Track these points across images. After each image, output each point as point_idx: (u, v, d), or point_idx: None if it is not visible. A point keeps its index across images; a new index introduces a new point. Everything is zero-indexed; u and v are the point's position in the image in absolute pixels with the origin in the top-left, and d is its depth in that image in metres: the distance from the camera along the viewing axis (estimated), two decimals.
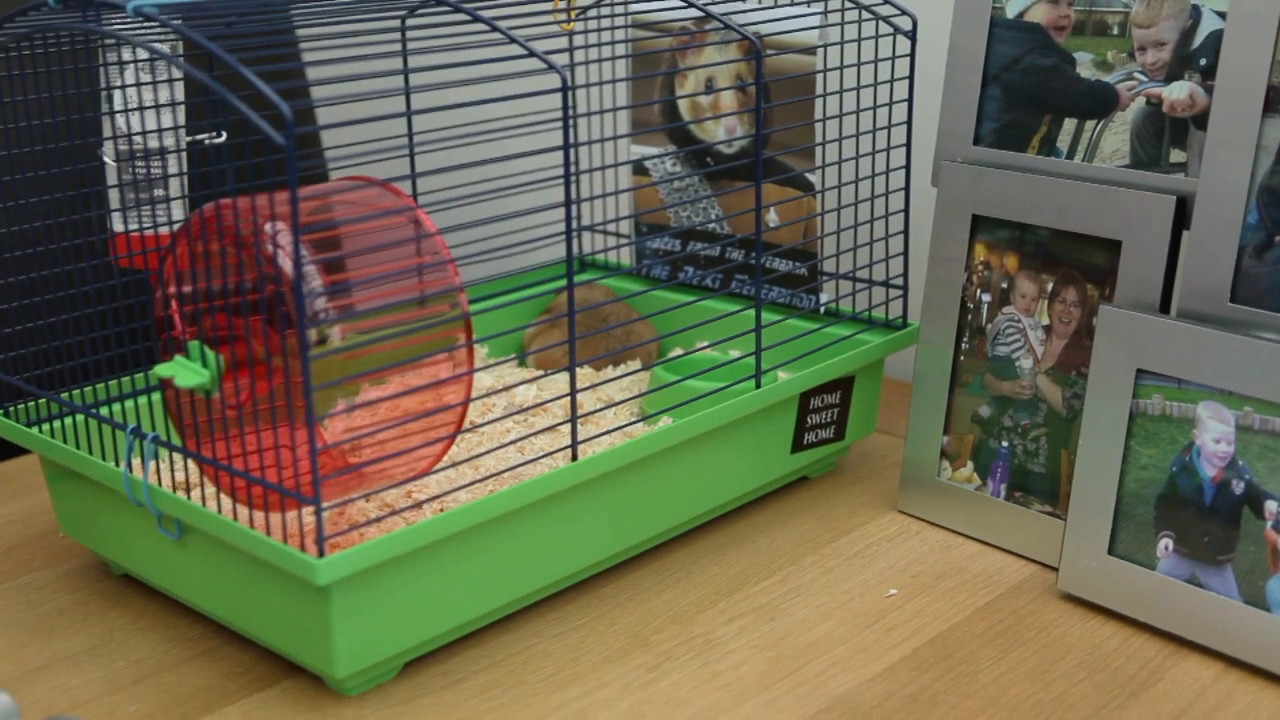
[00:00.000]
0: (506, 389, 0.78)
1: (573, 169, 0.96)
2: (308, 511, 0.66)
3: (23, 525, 0.86)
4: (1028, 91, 0.80)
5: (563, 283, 1.03)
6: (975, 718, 0.64)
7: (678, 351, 0.98)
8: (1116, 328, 0.72)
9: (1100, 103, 0.77)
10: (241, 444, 0.63)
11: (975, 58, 0.82)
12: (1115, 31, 0.77)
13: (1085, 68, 0.78)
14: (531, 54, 0.67)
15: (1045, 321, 0.79)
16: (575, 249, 1.10)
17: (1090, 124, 0.78)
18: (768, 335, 0.85)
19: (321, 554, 0.61)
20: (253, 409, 0.63)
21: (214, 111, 0.82)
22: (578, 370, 0.94)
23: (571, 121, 0.77)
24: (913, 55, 0.87)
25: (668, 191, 1.00)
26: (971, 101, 0.82)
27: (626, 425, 0.80)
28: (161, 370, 0.64)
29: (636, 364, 0.97)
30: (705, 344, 0.90)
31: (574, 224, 0.68)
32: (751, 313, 0.89)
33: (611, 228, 1.06)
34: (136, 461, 0.71)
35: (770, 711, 0.65)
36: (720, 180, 0.97)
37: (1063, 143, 0.79)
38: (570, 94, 0.67)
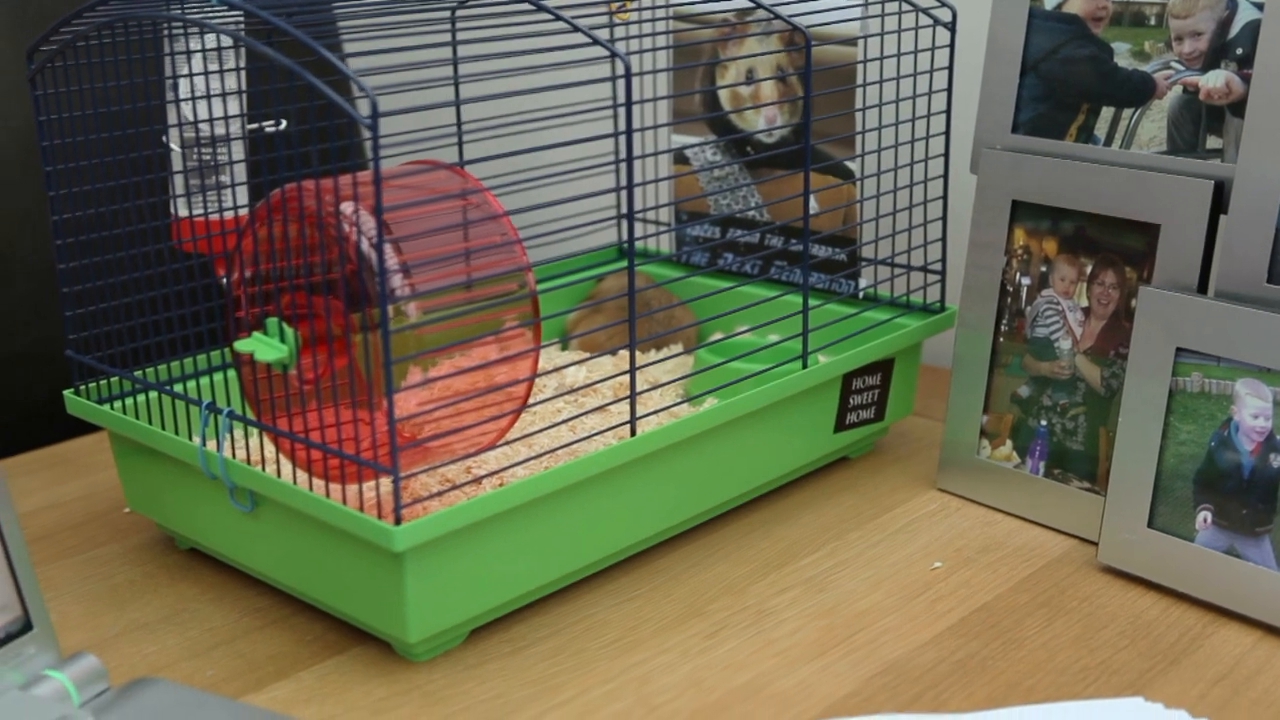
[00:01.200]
0: (556, 370, 0.80)
1: (622, 155, 0.99)
2: (376, 483, 0.68)
3: (86, 503, 0.89)
4: (1065, 81, 0.83)
5: (605, 269, 1.05)
6: (1024, 681, 0.67)
7: (717, 336, 1.00)
8: (1156, 308, 0.75)
9: (1137, 91, 0.80)
10: (319, 418, 0.66)
11: (1014, 48, 0.85)
12: (1152, 22, 0.79)
13: (1123, 58, 0.81)
14: (595, 41, 0.69)
15: (1084, 304, 0.81)
16: (615, 236, 1.12)
17: (1128, 112, 0.80)
18: (811, 319, 0.87)
19: (398, 521, 0.63)
20: (331, 384, 0.65)
21: (276, 100, 0.84)
22: (624, 353, 0.97)
23: (617, 109, 0.80)
24: (952, 46, 0.89)
25: (708, 180, 1.03)
26: (1010, 91, 0.85)
27: (672, 405, 0.83)
28: (241, 346, 0.67)
29: (678, 348, 0.99)
30: (744, 328, 0.93)
31: (629, 208, 0.70)
32: (789, 298, 0.92)
33: (651, 215, 1.09)
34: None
35: (826, 676, 0.68)
36: (760, 168, 1.00)
37: (1100, 130, 0.82)
38: (630, 80, 0.69)
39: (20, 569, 0.64)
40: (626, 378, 0.90)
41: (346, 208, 0.65)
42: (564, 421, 0.76)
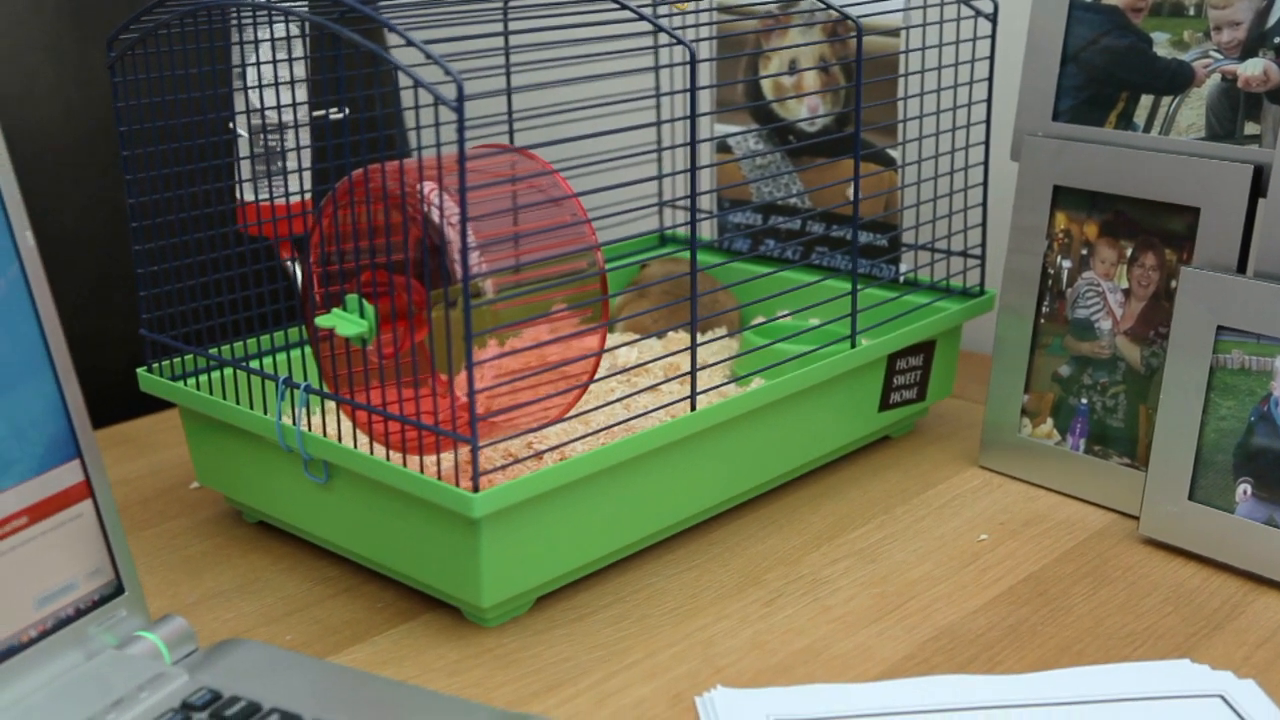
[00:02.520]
0: (608, 350, 0.83)
1: (665, 143, 1.02)
2: (454, 453, 0.71)
3: (153, 480, 0.91)
4: (1105, 70, 0.85)
5: (651, 254, 1.08)
6: (1074, 645, 0.70)
7: (759, 320, 1.03)
8: (1197, 288, 0.77)
9: (1176, 79, 0.82)
10: (398, 392, 0.68)
11: (1054, 39, 0.87)
12: (1191, 12, 0.82)
13: (1162, 47, 0.83)
14: (660, 30, 0.72)
15: (1124, 285, 0.84)
16: (658, 223, 1.15)
17: (1166, 100, 0.83)
18: (847, 304, 0.89)
19: (476, 489, 0.66)
20: (410, 358, 0.68)
21: (341, 88, 0.87)
22: (671, 335, 0.99)
23: (671, 96, 0.82)
24: (993, 37, 0.92)
25: (750, 168, 1.05)
26: (1051, 80, 0.87)
27: (721, 385, 0.85)
28: (322, 321, 0.69)
29: (722, 330, 1.02)
30: (785, 312, 0.96)
31: (691, 191, 0.73)
32: (829, 283, 0.95)
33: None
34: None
35: (882, 640, 0.70)
36: (801, 156, 1.02)
37: (1139, 118, 0.84)
38: (695, 67, 0.72)
39: (113, 535, 0.66)
40: (675, 358, 0.93)
41: (424, 188, 0.68)
42: (619, 400, 0.78)
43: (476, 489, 0.66)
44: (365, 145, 0.82)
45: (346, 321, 0.69)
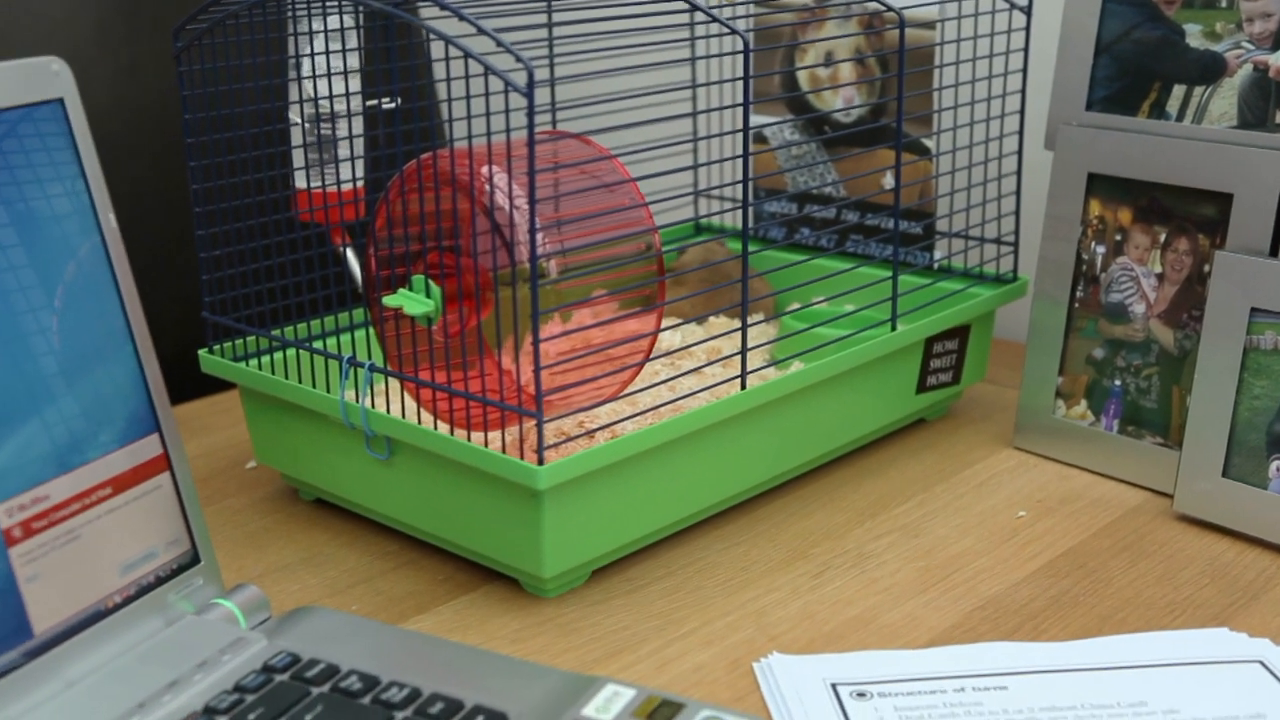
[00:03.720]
0: (651, 334, 0.85)
1: (698, 131, 1.04)
2: (519, 427, 0.73)
3: (208, 460, 0.94)
4: (1138, 61, 0.88)
5: (688, 242, 1.10)
6: (1115, 615, 0.72)
7: (795, 306, 1.05)
8: (1232, 271, 0.80)
9: (1209, 70, 0.85)
10: (464, 369, 0.71)
11: (1088, 31, 0.90)
12: (1223, 4, 0.84)
13: (1194, 38, 0.86)
14: (714, 19, 0.74)
15: (1158, 270, 0.86)
16: (693, 212, 1.17)
17: (1199, 90, 0.85)
18: (884, 289, 0.92)
19: (541, 462, 0.68)
20: (476, 336, 0.70)
21: (389, 79, 0.89)
22: (711, 320, 1.02)
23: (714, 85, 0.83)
24: (1028, 29, 0.94)
25: (785, 158, 1.08)
26: (1084, 71, 0.90)
27: (762, 368, 0.88)
28: (389, 300, 0.72)
29: (759, 316, 1.04)
30: (820, 299, 0.98)
31: (744, 176, 0.75)
32: (862, 269, 0.97)
33: (728, 192, 1.14)
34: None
35: (930, 610, 0.73)
36: (837, 146, 1.05)
37: (1172, 107, 0.86)
38: (749, 56, 0.74)
39: (189, 506, 0.69)
40: (717, 342, 0.95)
41: (485, 171, 0.70)
42: (664, 381, 0.81)
43: (541, 462, 0.68)
44: (417, 134, 0.84)
45: (413, 301, 0.71)
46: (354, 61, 0.88)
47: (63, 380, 0.63)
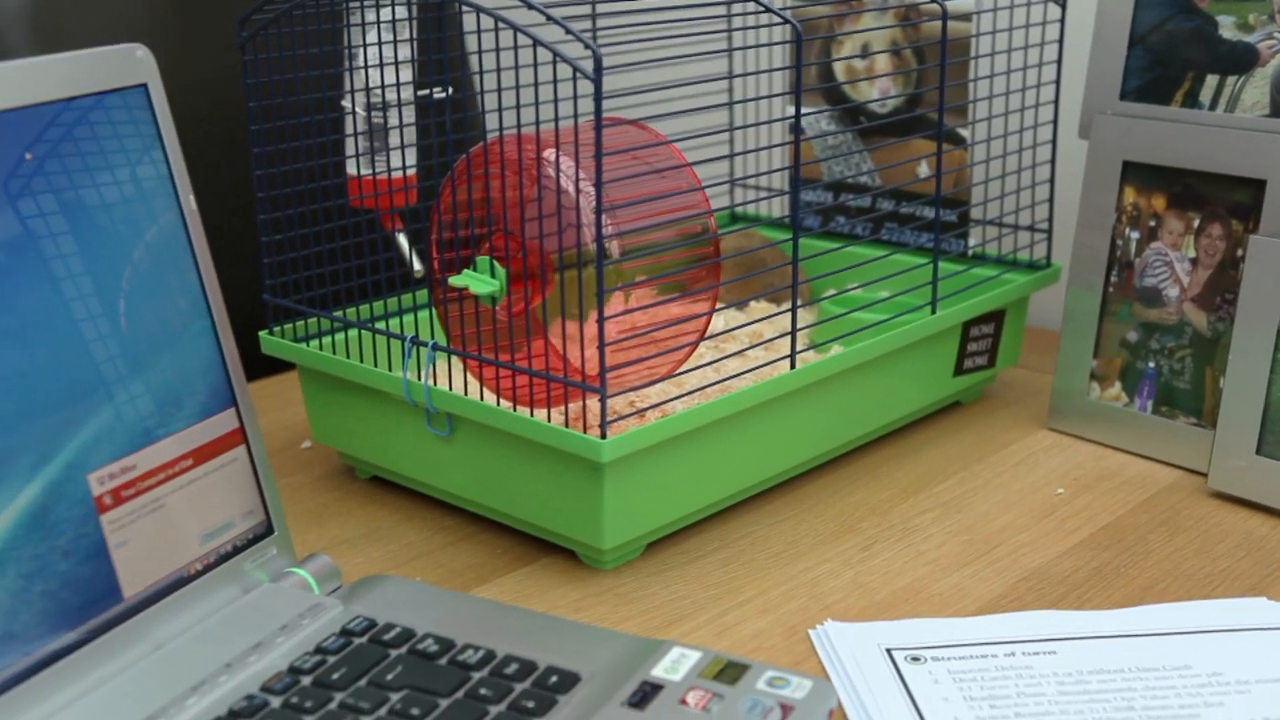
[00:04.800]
0: (687, 320, 0.87)
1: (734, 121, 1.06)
2: (561, 408, 0.75)
3: (264, 440, 0.96)
4: (1171, 51, 0.90)
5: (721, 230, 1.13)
6: (1155, 585, 0.74)
7: (830, 292, 1.08)
8: (1265, 255, 0.82)
9: (1242, 60, 0.87)
10: (528, 346, 0.73)
11: (1122, 23, 0.92)
12: None
13: (1227, 29, 0.88)
14: (767, 9, 0.77)
15: (1191, 255, 0.89)
16: (728, 200, 1.20)
17: (1231, 79, 0.88)
18: (919, 275, 0.94)
19: (604, 436, 0.71)
20: (539, 315, 0.73)
21: (441, 69, 0.92)
22: (751, 305, 1.04)
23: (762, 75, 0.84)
24: (1063, 22, 0.97)
25: (820, 148, 1.10)
26: (1118, 62, 0.92)
27: (802, 351, 0.90)
28: (455, 280, 0.74)
29: (798, 301, 1.06)
30: (855, 285, 1.00)
31: (794, 162, 0.78)
32: (896, 257, 1.00)
33: (764, 181, 1.16)
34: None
35: (975, 581, 0.75)
36: (872, 136, 1.07)
37: (1205, 96, 0.89)
38: (800, 45, 0.77)
39: (264, 479, 0.71)
40: (756, 327, 0.97)
41: (549, 154, 0.73)
42: (711, 363, 0.83)
43: (604, 436, 0.71)
44: (467, 122, 0.87)
45: (479, 281, 0.74)
46: (406, 52, 0.90)
47: (148, 355, 0.65)
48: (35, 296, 0.60)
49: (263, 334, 0.87)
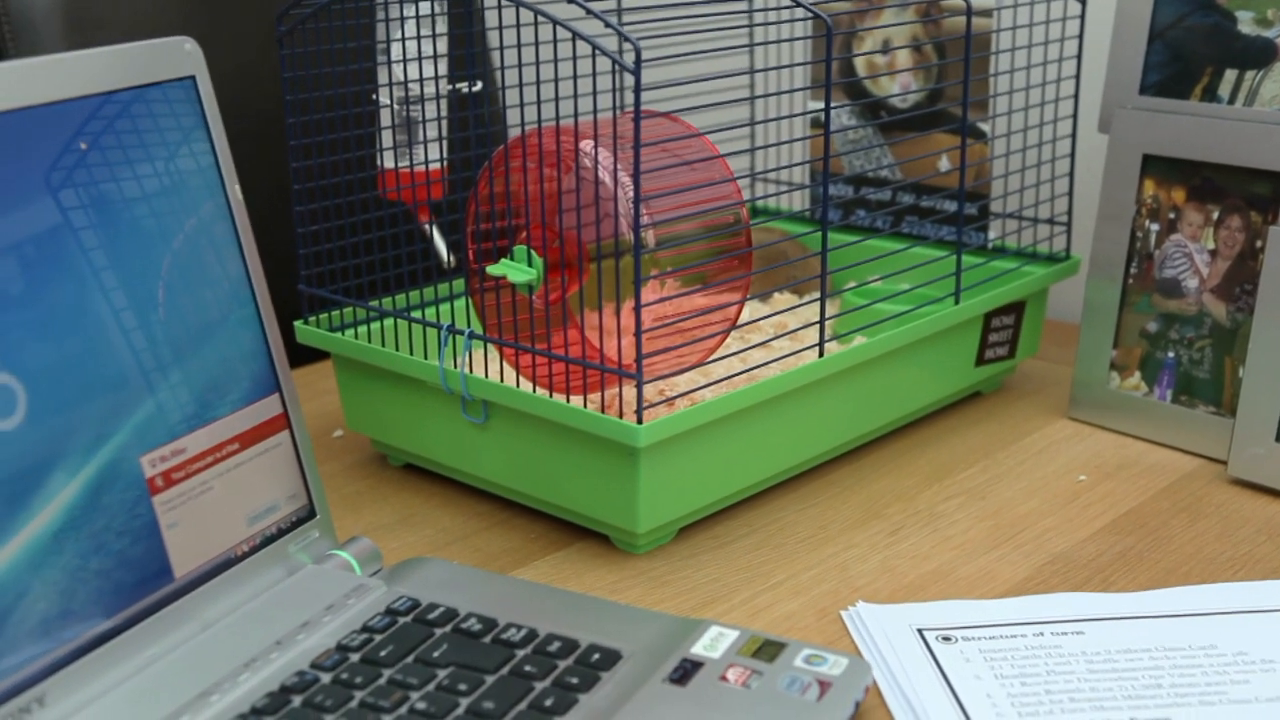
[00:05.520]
0: (719, 308, 0.89)
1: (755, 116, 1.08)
2: (596, 395, 0.77)
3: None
4: (1190, 47, 0.92)
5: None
6: (1179, 568, 0.76)
7: (851, 284, 1.09)
8: None
9: (1260, 55, 0.89)
10: (564, 335, 0.75)
11: (1141, 19, 0.94)
12: None
13: (1246, 24, 0.89)
14: (799, 4, 0.78)
15: (1211, 246, 0.90)
16: (749, 194, 1.21)
17: (1250, 74, 0.89)
18: (939, 268, 0.95)
19: (640, 421, 0.72)
20: (575, 303, 0.74)
21: (472, 63, 0.93)
22: (776, 295, 1.06)
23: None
24: (1083, 18, 0.98)
25: (841, 142, 1.11)
26: (1138, 57, 0.94)
27: (827, 341, 0.91)
28: (493, 269, 0.76)
29: (818, 293, 1.08)
30: (875, 277, 1.02)
31: (824, 153, 0.79)
32: (916, 250, 1.01)
33: (785, 175, 1.18)
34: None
35: (1002, 564, 0.77)
36: (893, 130, 1.09)
37: (1223, 91, 0.90)
38: (831, 38, 0.78)
39: (306, 463, 0.73)
40: (780, 317, 0.99)
41: (585, 146, 0.74)
42: (737, 353, 0.85)
43: (640, 421, 0.72)
44: (488, 117, 0.88)
45: (516, 270, 0.75)
46: (439, 46, 0.92)
47: (197, 341, 0.67)
48: (91, 283, 0.62)
49: (298, 323, 0.88)
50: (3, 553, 0.57)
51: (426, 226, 0.94)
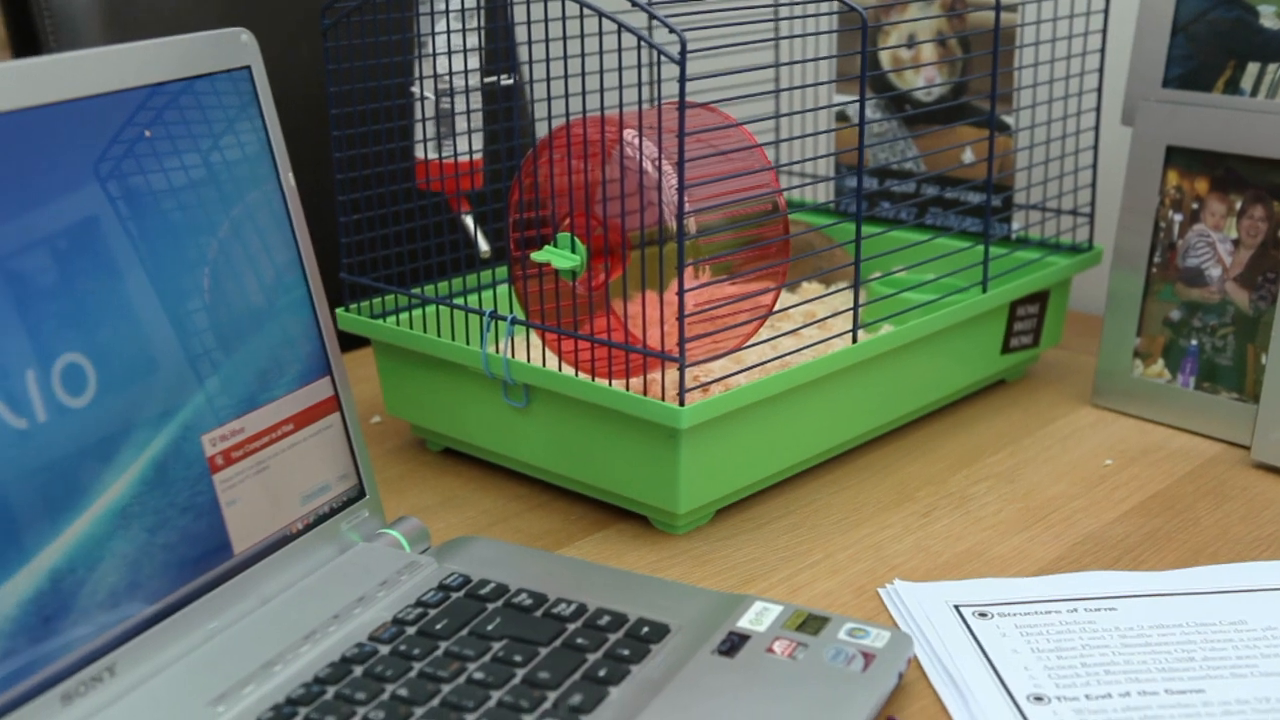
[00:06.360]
0: (757, 294, 0.91)
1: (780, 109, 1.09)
2: (636, 379, 0.79)
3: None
4: (1213, 41, 0.93)
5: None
6: (1207, 548, 0.78)
7: (876, 275, 1.11)
8: None
9: None
10: (604, 320, 0.77)
11: (1164, 14, 0.95)
12: None
13: (1268, 19, 0.91)
14: None
15: (1233, 235, 0.92)
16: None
17: (1272, 67, 0.91)
18: (962, 259, 0.97)
19: (682, 404, 0.74)
20: (620, 288, 0.76)
21: (509, 56, 0.95)
22: (804, 285, 1.07)
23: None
24: (1106, 13, 1.00)
25: (867, 135, 1.13)
26: (1161, 51, 0.95)
27: (853, 330, 0.93)
28: (537, 256, 0.78)
29: (843, 283, 1.10)
30: (899, 268, 1.04)
31: (859, 143, 0.81)
32: (940, 240, 1.03)
33: (810, 168, 1.20)
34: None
35: (1034, 544, 0.79)
36: (917, 124, 1.11)
37: (1246, 84, 0.92)
38: (865, 31, 0.80)
39: (356, 445, 0.75)
40: (809, 306, 1.01)
41: (628, 135, 0.76)
42: (765, 341, 0.87)
43: (682, 403, 0.74)
44: (517, 110, 0.90)
45: (560, 256, 0.77)
46: (475, 40, 0.93)
47: (254, 324, 0.69)
48: (154, 267, 0.64)
49: (339, 310, 0.90)
50: (76, 525, 0.59)
51: (462, 217, 0.96)
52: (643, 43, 0.71)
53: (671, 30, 0.69)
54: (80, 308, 0.60)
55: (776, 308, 1.01)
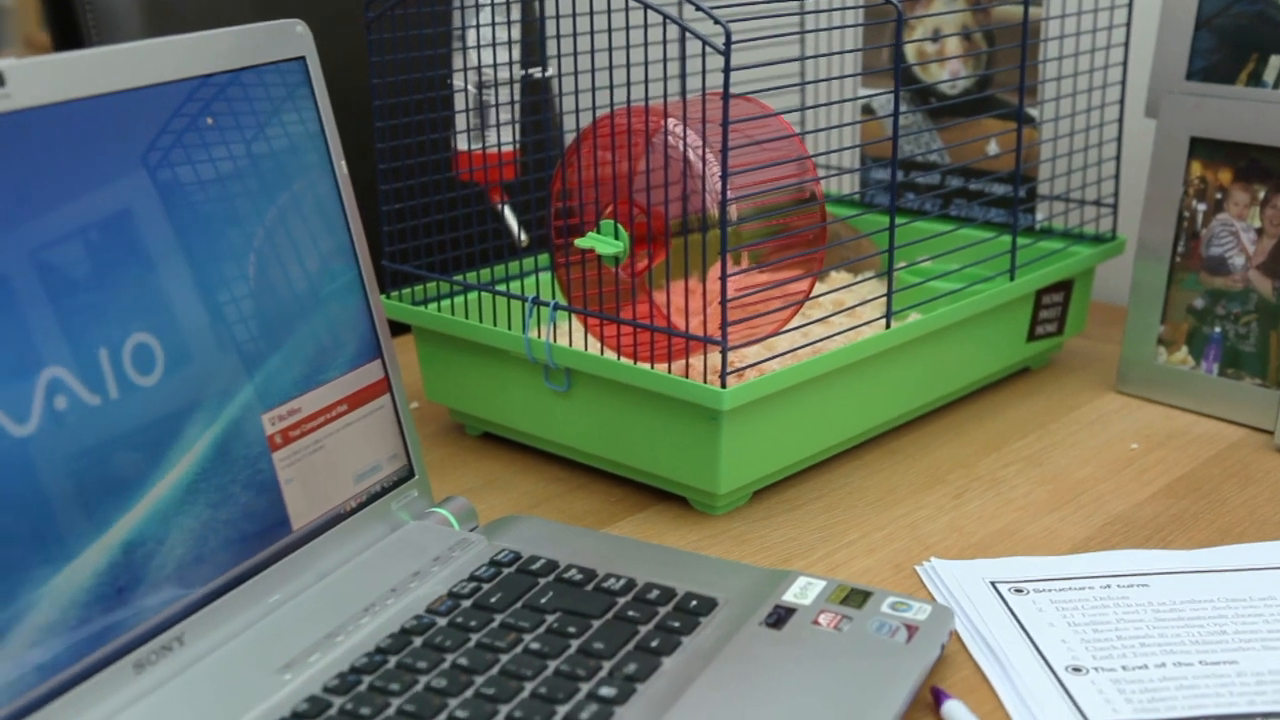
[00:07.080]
0: (796, 280, 0.93)
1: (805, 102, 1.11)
2: (677, 362, 0.81)
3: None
4: (1236, 34, 0.95)
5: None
6: (1233, 529, 0.80)
7: (902, 264, 1.13)
8: None
9: None
10: (649, 305, 0.79)
11: (1188, 8, 0.97)
12: None
13: None
14: None
15: (1257, 225, 0.94)
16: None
17: None
18: (987, 249, 0.99)
19: (724, 386, 0.76)
20: (662, 274, 0.78)
21: (541, 49, 0.97)
22: (833, 274, 1.09)
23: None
24: (1130, 7, 1.02)
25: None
26: (1185, 44, 0.97)
27: (882, 318, 0.95)
28: (581, 242, 0.80)
29: (870, 272, 1.12)
30: (924, 257, 1.06)
31: (894, 133, 0.83)
32: (963, 231, 1.05)
33: (835, 160, 1.22)
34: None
35: (1065, 524, 0.81)
36: (942, 116, 1.12)
37: (1268, 76, 0.94)
38: (900, 24, 0.82)
39: (406, 426, 0.77)
40: (838, 294, 1.03)
41: (671, 124, 0.78)
42: (797, 328, 0.89)
43: (724, 386, 0.76)
44: (544, 104, 0.92)
45: (604, 243, 0.79)
46: (515, 33, 0.95)
47: (311, 307, 0.71)
48: (216, 251, 0.66)
49: (382, 297, 0.92)
50: (147, 499, 0.61)
51: (499, 206, 0.98)
52: (687, 34, 0.72)
53: (717, 21, 0.71)
54: (147, 289, 0.62)
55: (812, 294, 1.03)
